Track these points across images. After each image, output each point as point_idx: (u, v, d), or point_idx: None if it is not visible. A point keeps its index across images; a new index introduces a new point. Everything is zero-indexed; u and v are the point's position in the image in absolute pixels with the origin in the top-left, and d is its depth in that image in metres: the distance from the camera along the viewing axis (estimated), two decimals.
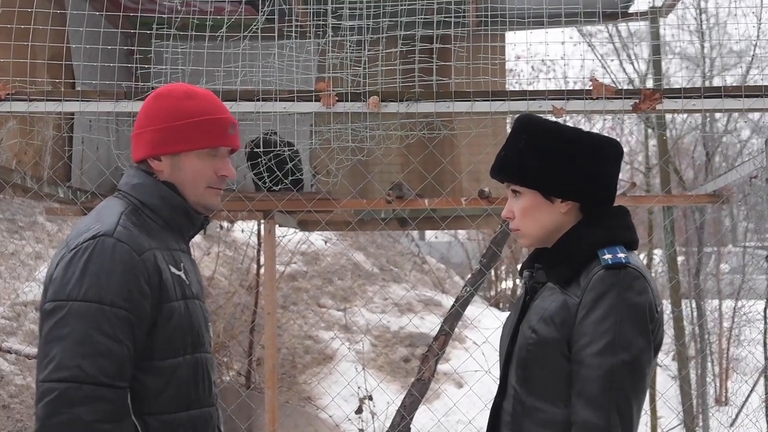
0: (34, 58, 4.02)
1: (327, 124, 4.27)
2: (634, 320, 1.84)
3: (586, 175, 1.97)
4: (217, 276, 9.27)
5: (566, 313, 1.89)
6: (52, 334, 1.81)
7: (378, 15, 4.07)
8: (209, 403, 2.03)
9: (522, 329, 1.99)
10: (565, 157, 1.97)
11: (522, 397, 1.95)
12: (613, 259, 1.88)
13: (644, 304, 1.86)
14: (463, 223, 6.10)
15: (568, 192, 1.98)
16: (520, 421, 1.95)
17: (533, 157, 1.99)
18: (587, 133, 2.03)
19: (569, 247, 1.97)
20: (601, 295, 1.85)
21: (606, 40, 10.18)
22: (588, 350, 1.84)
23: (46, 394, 1.77)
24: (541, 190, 1.99)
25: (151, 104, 2.07)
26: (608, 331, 1.82)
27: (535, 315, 1.96)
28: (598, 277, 1.87)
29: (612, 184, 2.02)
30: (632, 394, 1.83)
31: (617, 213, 2.01)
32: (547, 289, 1.98)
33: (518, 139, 2.03)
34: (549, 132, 2.01)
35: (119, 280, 1.84)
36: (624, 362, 1.81)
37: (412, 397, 4.64)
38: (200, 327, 2.03)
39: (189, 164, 2.04)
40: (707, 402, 8.07)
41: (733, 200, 5.10)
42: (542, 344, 1.91)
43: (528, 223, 2.02)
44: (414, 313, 9.77)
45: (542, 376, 1.92)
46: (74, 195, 4.78)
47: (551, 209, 2.00)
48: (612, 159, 2.01)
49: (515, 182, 2.03)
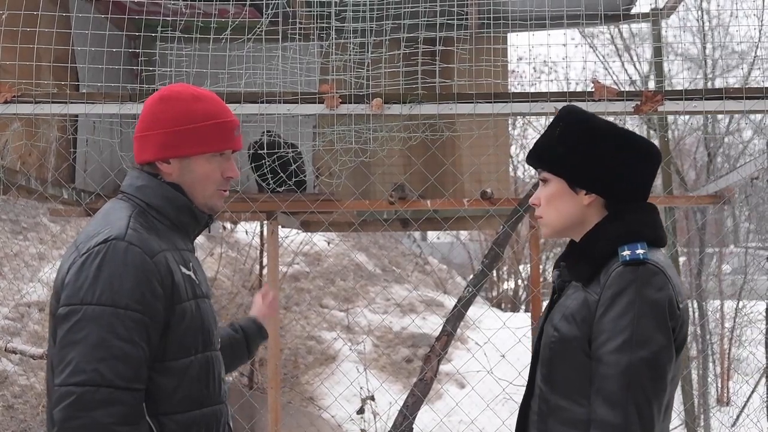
0: (39, 60, 4.04)
1: (330, 125, 4.29)
2: (652, 317, 1.81)
3: (612, 169, 1.96)
4: (220, 277, 9.29)
5: (587, 310, 1.89)
6: (67, 338, 1.82)
7: (381, 17, 4.08)
8: (220, 400, 2.05)
9: (546, 328, 2.00)
10: (593, 148, 1.97)
11: (547, 396, 1.95)
12: (632, 255, 1.86)
13: (663, 300, 1.83)
14: (465, 224, 6.12)
15: (592, 183, 1.97)
16: (545, 419, 1.95)
17: (563, 145, 1.99)
18: (623, 130, 2.02)
19: (590, 243, 1.96)
20: (620, 291, 1.84)
21: (608, 41, 10.19)
22: (606, 347, 1.82)
23: (63, 398, 1.78)
24: (566, 177, 1.99)
25: (158, 106, 2.06)
26: (626, 328, 1.81)
27: (558, 313, 1.96)
28: (617, 274, 1.86)
29: (640, 183, 1.99)
30: (651, 392, 1.80)
31: (643, 209, 1.98)
32: (571, 287, 1.99)
33: (554, 127, 2.04)
34: (583, 123, 2.01)
35: (132, 283, 1.85)
36: (642, 359, 1.79)
37: (414, 398, 4.66)
38: (210, 325, 2.05)
39: (199, 167, 2.05)
40: (709, 402, 8.07)
41: (734, 201, 5.11)
42: (564, 342, 1.91)
43: (550, 212, 2.02)
44: (416, 313, 9.79)
45: (565, 375, 1.91)
46: (78, 196, 4.80)
47: (574, 200, 1.99)
48: (642, 158, 1.98)
49: (543, 167, 2.04)
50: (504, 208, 4.93)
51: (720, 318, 9.19)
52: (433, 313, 9.72)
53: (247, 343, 2.44)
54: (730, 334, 9.15)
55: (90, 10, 4.62)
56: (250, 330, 2.46)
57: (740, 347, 9.01)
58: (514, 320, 7.63)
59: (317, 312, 9.82)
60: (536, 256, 4.87)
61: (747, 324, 8.69)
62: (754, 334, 8.29)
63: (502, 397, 5.19)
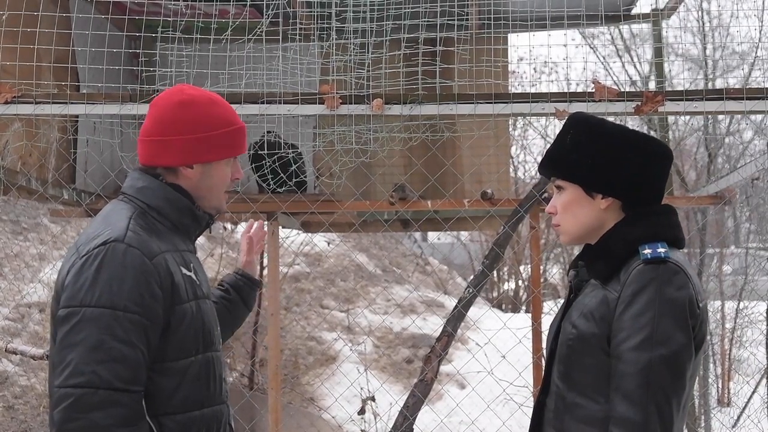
0: (40, 61, 4.04)
1: (330, 126, 4.29)
2: (672, 315, 1.82)
3: (627, 172, 1.96)
4: (220, 277, 9.28)
5: (606, 308, 1.89)
6: (66, 340, 1.83)
7: (381, 18, 4.09)
8: (220, 400, 2.06)
9: (564, 326, 2.00)
10: (606, 152, 1.97)
11: (563, 393, 1.95)
12: (653, 254, 1.87)
13: (684, 298, 1.84)
14: (465, 225, 6.12)
15: (608, 187, 1.98)
16: (561, 417, 1.95)
17: (575, 152, 2.00)
18: (633, 131, 2.03)
19: (609, 243, 1.96)
20: (640, 289, 1.84)
21: (608, 42, 10.18)
22: (625, 345, 1.83)
23: (62, 399, 1.79)
24: (581, 184, 2.00)
25: (177, 111, 2.04)
26: (646, 326, 1.81)
27: (577, 311, 1.96)
28: (637, 272, 1.86)
29: (655, 185, 2.00)
30: (671, 390, 1.80)
31: (662, 211, 1.99)
32: (590, 286, 1.99)
33: (565, 134, 2.05)
34: (594, 127, 2.02)
35: (131, 285, 1.85)
36: (662, 357, 1.80)
37: (414, 398, 4.65)
38: (211, 326, 2.06)
39: (218, 171, 2.09)
40: (709, 403, 8.06)
41: (735, 202, 5.11)
42: (582, 340, 1.91)
43: (568, 219, 2.03)
44: (416, 314, 9.79)
45: (583, 372, 1.92)
46: (79, 197, 4.80)
47: (591, 205, 2.00)
48: (656, 159, 1.99)
49: (557, 176, 2.05)
50: (504, 208, 4.93)
51: (721, 319, 9.18)
52: (433, 314, 9.72)
53: (243, 300, 2.45)
54: (730, 334, 9.14)
55: (90, 10, 4.62)
56: (240, 286, 2.46)
57: (741, 348, 9.01)
58: (515, 321, 7.64)
59: (318, 313, 9.82)
60: (537, 256, 4.87)
61: (748, 325, 8.68)
62: (754, 335, 8.28)
63: (502, 397, 5.19)
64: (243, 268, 2.50)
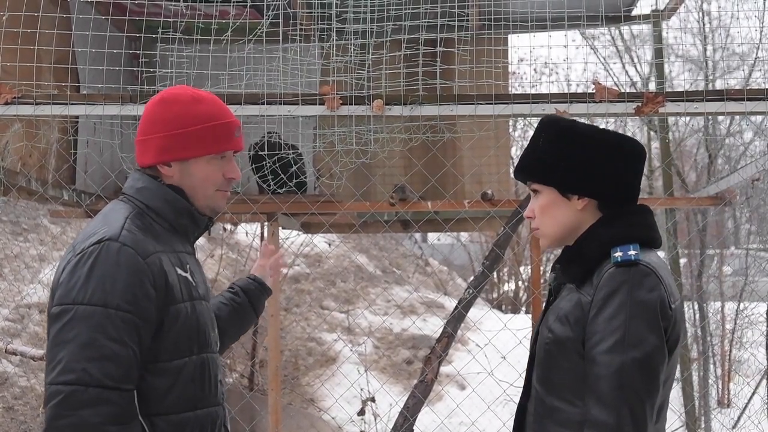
0: (40, 62, 4.04)
1: (331, 127, 4.29)
2: (644, 317, 1.82)
3: (601, 171, 1.97)
4: (220, 278, 9.28)
5: (580, 311, 1.90)
6: (58, 337, 1.83)
7: (382, 19, 4.08)
8: (216, 402, 2.05)
9: (541, 329, 2.01)
10: (579, 153, 1.98)
11: (543, 397, 1.96)
12: (624, 257, 1.87)
13: (655, 300, 1.84)
14: (465, 226, 6.12)
15: (582, 188, 1.98)
16: (542, 421, 1.96)
17: (548, 154, 2.01)
18: (604, 131, 2.03)
19: (583, 246, 1.97)
20: (611, 292, 1.85)
21: (609, 43, 10.18)
22: (598, 348, 1.84)
23: (52, 396, 1.80)
24: (556, 186, 2.00)
25: (157, 109, 2.05)
26: (618, 329, 1.82)
27: (553, 315, 1.97)
28: (609, 275, 1.87)
29: (630, 183, 2.01)
30: (644, 393, 1.81)
31: (636, 211, 2.00)
32: (566, 289, 2.00)
33: (537, 139, 2.05)
34: (565, 129, 2.02)
35: (124, 284, 1.85)
36: (634, 360, 1.80)
37: (414, 399, 4.65)
38: (207, 327, 2.05)
39: (199, 169, 2.06)
40: (709, 404, 8.06)
41: (735, 203, 5.11)
42: (558, 343, 1.92)
43: (546, 222, 2.04)
44: (417, 315, 9.79)
45: (560, 376, 1.93)
46: (79, 198, 4.80)
47: (568, 206, 2.00)
48: (630, 158, 2.00)
49: (532, 179, 2.05)
50: (505, 209, 4.93)
51: (721, 319, 9.17)
52: (433, 315, 9.72)
53: (252, 304, 2.45)
54: (730, 335, 9.13)
55: (91, 11, 4.62)
56: (251, 290, 2.46)
57: (741, 349, 9.00)
58: (515, 322, 7.64)
59: (318, 313, 9.81)
60: (537, 257, 4.87)
61: (748, 326, 8.67)
62: (754, 336, 8.28)
63: (502, 398, 5.18)
64: (255, 272, 2.51)
